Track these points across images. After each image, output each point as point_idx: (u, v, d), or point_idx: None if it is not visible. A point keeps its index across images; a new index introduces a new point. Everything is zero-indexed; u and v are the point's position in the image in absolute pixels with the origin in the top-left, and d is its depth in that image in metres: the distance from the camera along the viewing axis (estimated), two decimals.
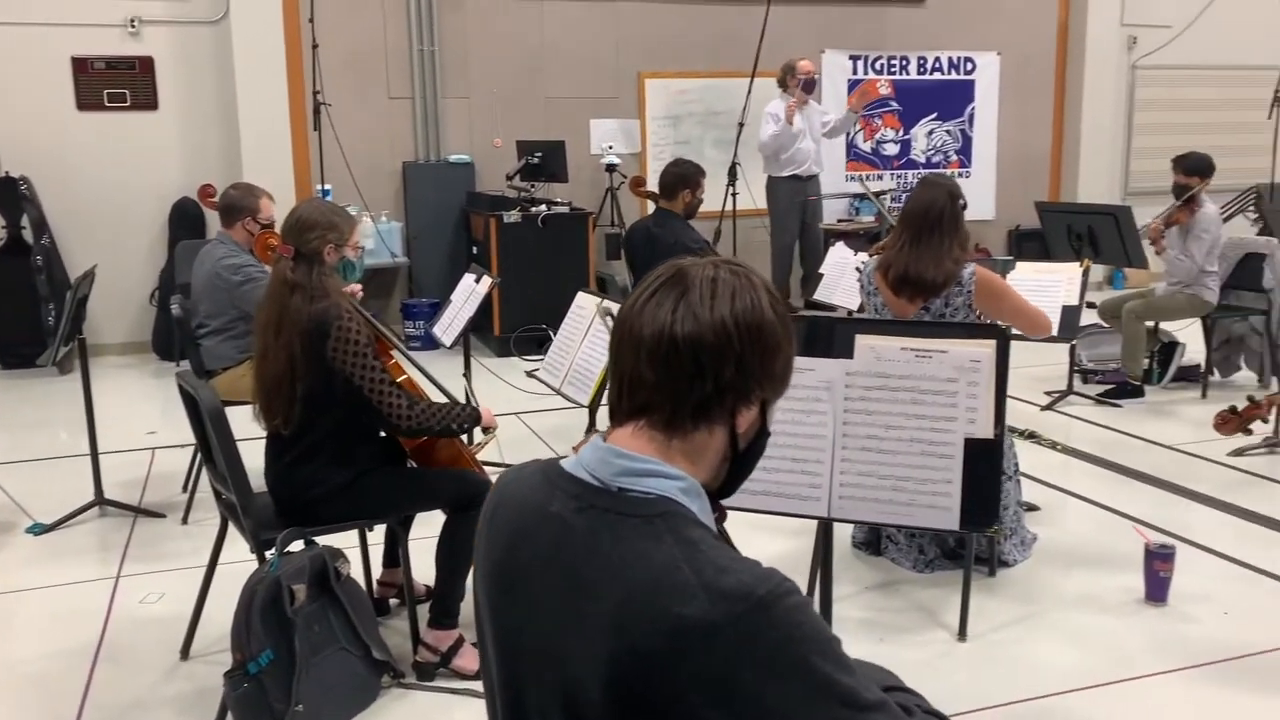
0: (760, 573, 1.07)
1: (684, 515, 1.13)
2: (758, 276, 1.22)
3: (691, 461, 1.19)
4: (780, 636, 1.04)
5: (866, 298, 3.67)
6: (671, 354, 1.15)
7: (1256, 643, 3.11)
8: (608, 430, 1.23)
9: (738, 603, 1.04)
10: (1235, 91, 9.29)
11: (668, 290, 1.18)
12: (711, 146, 8.54)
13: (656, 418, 1.18)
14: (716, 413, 1.18)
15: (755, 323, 1.17)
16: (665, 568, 1.07)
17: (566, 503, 1.17)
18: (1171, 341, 6.08)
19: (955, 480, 1.82)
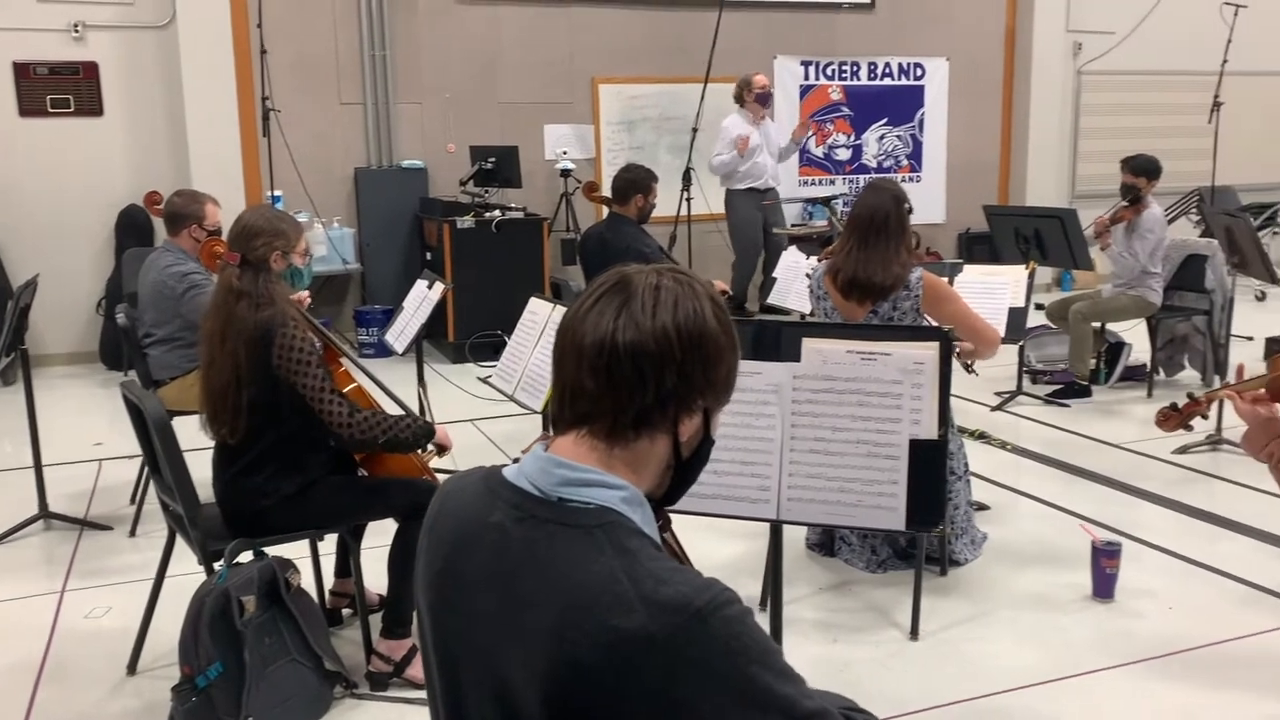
0: (699, 584, 1.07)
1: (625, 525, 1.13)
2: (701, 284, 1.21)
3: (634, 470, 1.18)
4: (719, 648, 1.04)
5: (816, 302, 3.71)
6: (613, 363, 1.14)
7: (1199, 636, 3.18)
8: (549, 439, 1.23)
9: (676, 614, 1.03)
10: (1177, 96, 9.48)
11: (610, 298, 1.17)
12: (666, 152, 8.57)
13: (598, 427, 1.17)
14: (659, 422, 1.17)
15: (698, 331, 1.17)
16: (604, 579, 1.07)
17: (507, 512, 1.17)
18: (1118, 342, 6.19)
19: (901, 481, 1.84)
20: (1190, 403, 2.43)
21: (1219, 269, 5.82)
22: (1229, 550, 3.83)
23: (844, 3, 8.95)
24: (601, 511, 1.13)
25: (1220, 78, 8.66)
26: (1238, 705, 2.81)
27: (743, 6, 8.40)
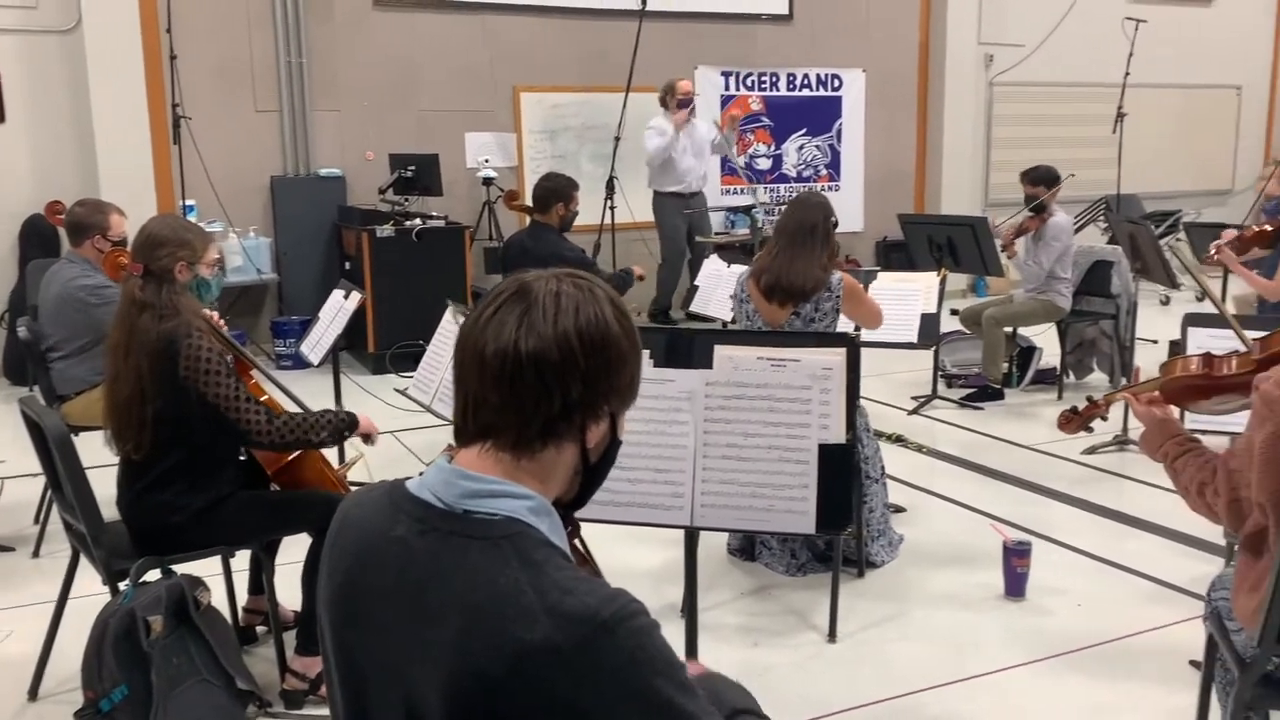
0: (606, 595, 1.07)
1: (531, 536, 1.12)
2: (601, 289, 1.21)
3: (541, 480, 1.18)
4: (624, 660, 1.04)
5: (739, 305, 3.77)
6: (516, 374, 1.13)
7: (1107, 631, 3.27)
8: (453, 451, 1.21)
9: (581, 625, 1.04)
10: (1083, 107, 9.78)
11: (510, 306, 1.16)
12: (589, 160, 8.57)
13: (503, 439, 1.16)
14: (565, 431, 1.17)
15: (600, 336, 1.16)
16: (509, 591, 1.06)
17: (410, 526, 1.15)
18: (1029, 346, 6.36)
19: (811, 485, 1.87)
20: (1090, 405, 2.51)
21: (1124, 274, 6.01)
22: (1135, 548, 3.96)
23: (762, 14, 9.06)
24: (507, 522, 1.12)
25: (1123, 89, 8.96)
26: (1144, 697, 2.90)
27: (663, 16, 8.44)
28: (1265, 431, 1.96)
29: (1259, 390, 2.00)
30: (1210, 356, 2.27)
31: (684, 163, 7.96)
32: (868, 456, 3.78)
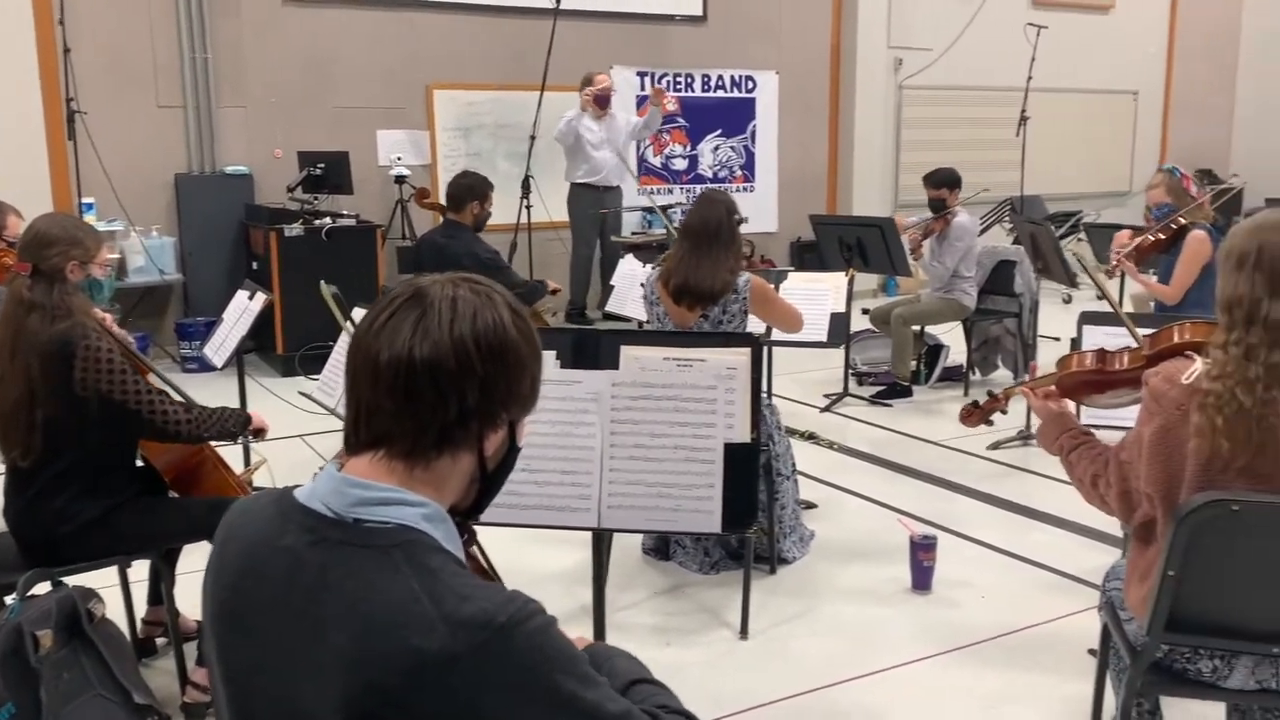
0: (501, 598, 1.06)
1: (424, 543, 1.10)
2: (500, 294, 1.19)
3: (435, 489, 1.15)
4: (524, 661, 1.04)
5: (649, 307, 3.78)
6: (411, 381, 1.10)
7: (1010, 622, 3.36)
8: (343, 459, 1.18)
9: (479, 631, 1.03)
10: (989, 111, 10.04)
11: (405, 311, 1.13)
12: (504, 159, 8.51)
13: (397, 448, 1.13)
14: (461, 439, 1.14)
15: (499, 342, 1.14)
16: (403, 600, 1.04)
17: (299, 536, 1.12)
18: (936, 344, 6.50)
19: (716, 484, 1.88)
20: (990, 399, 2.58)
21: (1027, 274, 6.18)
22: (1038, 540, 4.07)
23: (677, 15, 9.10)
24: (400, 530, 1.10)
25: (1026, 94, 9.22)
26: (1044, 686, 2.98)
27: (578, 15, 8.43)
28: (1154, 425, 2.03)
29: (1148, 385, 2.06)
30: (1103, 352, 2.35)
31: (599, 154, 7.98)
32: (779, 454, 3.82)
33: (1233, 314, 1.99)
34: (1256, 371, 1.92)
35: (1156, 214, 5.30)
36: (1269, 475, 1.93)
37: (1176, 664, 2.07)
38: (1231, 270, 2.02)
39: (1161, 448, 2.01)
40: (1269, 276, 1.96)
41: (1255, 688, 2.03)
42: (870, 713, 2.86)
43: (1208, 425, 1.94)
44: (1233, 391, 1.93)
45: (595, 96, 7.89)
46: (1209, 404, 1.94)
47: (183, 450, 2.84)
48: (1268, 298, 1.95)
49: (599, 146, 7.96)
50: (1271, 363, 1.92)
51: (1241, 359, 1.94)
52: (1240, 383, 1.93)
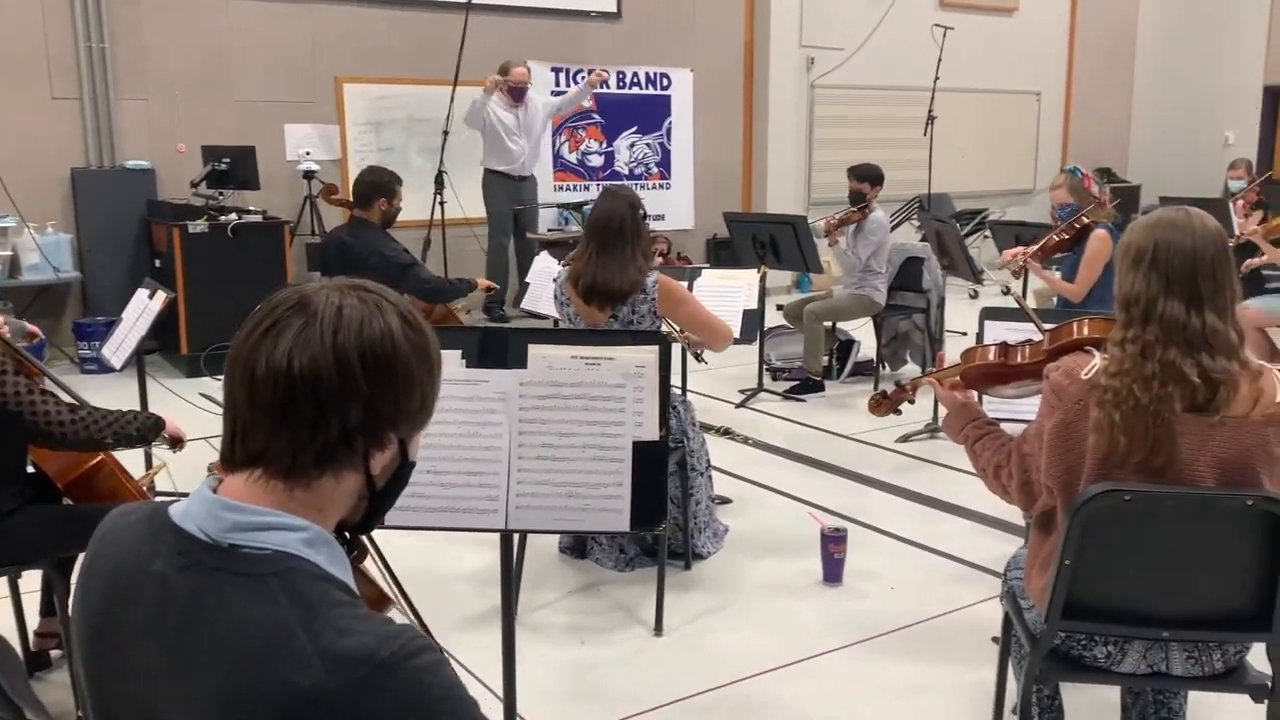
0: (385, 633, 1.00)
1: (305, 571, 1.04)
2: (391, 302, 1.12)
3: (318, 509, 1.09)
4: (406, 700, 0.97)
5: (560, 307, 3.75)
6: (288, 396, 1.03)
7: (918, 612, 3.43)
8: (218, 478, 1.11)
9: (357, 667, 0.96)
10: (898, 110, 10.24)
11: (286, 321, 1.06)
12: (417, 154, 8.40)
13: (275, 468, 1.06)
14: (345, 458, 1.08)
15: (387, 356, 1.07)
16: (278, 633, 0.98)
17: (170, 560, 1.05)
18: (848, 340, 6.61)
19: (625, 483, 1.87)
20: (898, 389, 2.62)
21: (934, 270, 6.32)
22: (945, 530, 4.16)
23: (591, 11, 9.08)
24: (278, 558, 1.03)
25: (933, 93, 9.41)
26: (951, 674, 3.05)
27: (492, 10, 8.36)
28: (1054, 419, 2.08)
29: (1049, 380, 2.12)
30: (1006, 345, 2.41)
31: (514, 144, 7.95)
32: (694, 450, 3.84)
33: (1130, 311, 2.04)
34: (1153, 368, 1.97)
35: (1060, 213, 5.46)
36: (1163, 469, 1.99)
37: (1073, 651, 2.13)
38: (1129, 269, 2.07)
39: (1061, 441, 2.06)
40: (1165, 275, 2.00)
41: (1147, 671, 2.10)
42: (783, 705, 2.89)
43: (1106, 421, 1.98)
44: (1130, 388, 1.97)
45: (510, 88, 7.85)
46: (1107, 400, 1.99)
47: (74, 456, 2.74)
48: (1164, 296, 2.00)
49: (515, 135, 7.94)
50: (1167, 360, 1.97)
51: (1138, 356, 1.99)
52: (1137, 379, 1.97)
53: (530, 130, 8.04)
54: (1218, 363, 1.98)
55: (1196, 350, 1.98)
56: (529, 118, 8.05)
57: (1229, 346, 2.00)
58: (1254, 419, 1.98)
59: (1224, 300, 2.01)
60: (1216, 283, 2.01)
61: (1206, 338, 1.98)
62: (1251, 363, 2.02)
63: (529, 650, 3.14)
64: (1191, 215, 2.06)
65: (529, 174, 8.15)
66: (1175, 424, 1.97)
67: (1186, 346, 1.98)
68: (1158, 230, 2.04)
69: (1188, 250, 2.00)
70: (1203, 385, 1.96)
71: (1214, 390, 1.96)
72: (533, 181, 8.22)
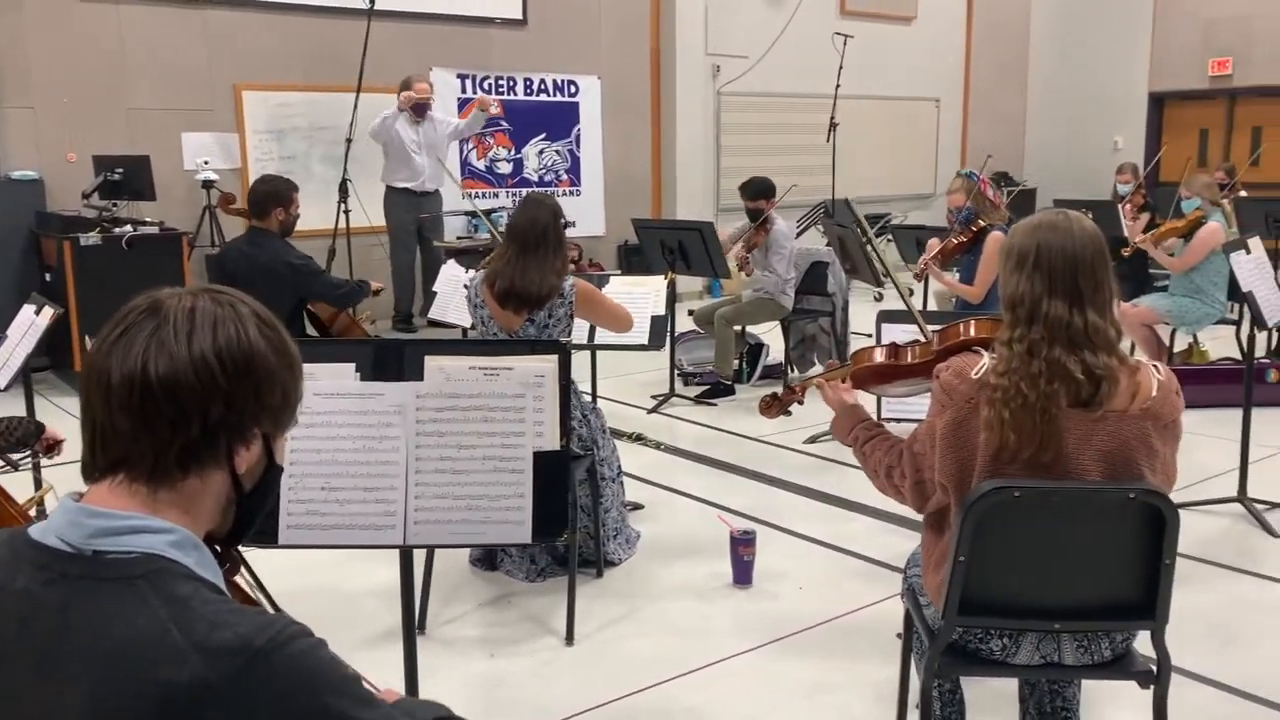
0: (260, 621, 1.01)
1: (174, 571, 1.04)
2: (246, 305, 1.14)
3: (184, 512, 1.09)
4: (288, 685, 0.99)
5: (474, 311, 3.73)
6: (146, 400, 1.05)
7: (826, 611, 3.47)
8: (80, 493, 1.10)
9: (234, 657, 0.97)
10: (802, 117, 10.41)
11: (139, 326, 1.08)
12: (320, 162, 8.26)
13: (137, 471, 1.07)
14: (208, 457, 1.09)
15: (244, 355, 1.09)
16: (150, 633, 0.98)
17: (33, 575, 1.04)
18: (757, 343, 6.69)
19: (526, 494, 1.86)
20: (787, 391, 2.66)
21: (838, 274, 6.44)
22: (852, 529, 4.23)
23: (496, 18, 9.04)
24: (146, 560, 1.04)
25: (835, 100, 9.59)
26: (858, 671, 3.09)
27: (395, 16, 8.26)
28: (945, 419, 2.13)
29: (939, 380, 2.16)
30: (895, 346, 2.46)
31: (417, 159, 7.88)
32: (604, 458, 3.84)
33: (1016, 312, 2.11)
34: (1039, 366, 2.03)
35: (958, 217, 5.62)
36: (1051, 464, 2.05)
37: (970, 645, 2.19)
38: (1013, 270, 2.13)
39: (954, 440, 2.11)
40: (1047, 275, 2.07)
41: (1040, 662, 2.17)
42: (694, 710, 2.91)
43: (996, 418, 2.04)
44: (1018, 386, 2.03)
45: (414, 104, 7.79)
46: (997, 398, 2.04)
47: None
48: (1047, 296, 2.06)
49: (418, 151, 7.87)
50: (1052, 357, 2.03)
51: (1025, 355, 2.05)
52: (1025, 377, 2.03)
53: (433, 147, 7.98)
54: (1099, 359, 2.05)
55: (1079, 348, 2.05)
56: (432, 135, 7.99)
57: (1109, 343, 2.07)
58: (1133, 412, 2.05)
59: (1103, 299, 2.09)
60: (1096, 281, 2.08)
61: (1089, 335, 2.05)
62: (1129, 358, 2.10)
63: (439, 664, 3.10)
64: (1070, 218, 2.13)
65: (432, 190, 8.08)
66: (1061, 419, 2.04)
67: (1070, 344, 2.05)
68: (1039, 233, 2.10)
69: (1068, 251, 2.07)
70: (1086, 381, 2.03)
71: (1096, 386, 2.03)
72: (437, 197, 8.16)
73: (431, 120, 8.01)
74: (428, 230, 8.06)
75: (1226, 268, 4.82)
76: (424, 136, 7.92)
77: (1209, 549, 3.94)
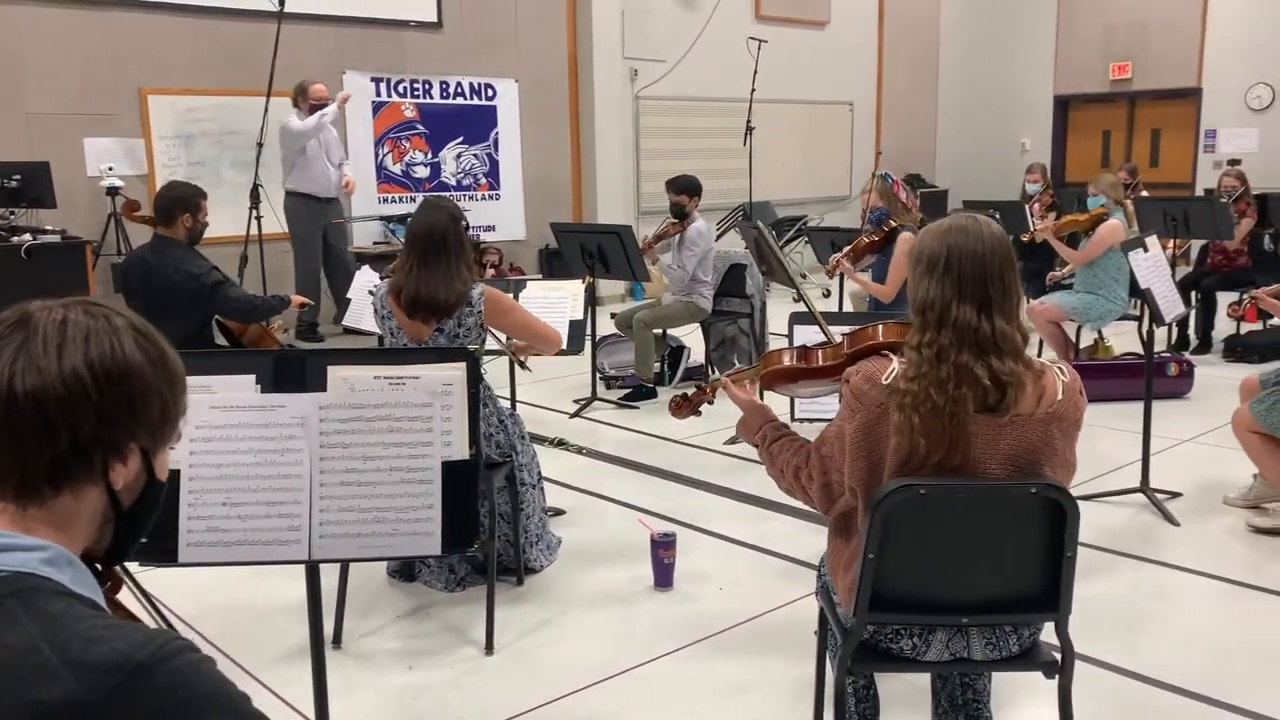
0: (140, 637, 0.98)
1: (46, 589, 1.01)
2: (122, 317, 1.12)
3: (58, 529, 1.06)
4: (169, 702, 0.96)
5: (381, 322, 3.66)
6: (13, 414, 1.02)
7: (746, 611, 3.49)
8: None
9: (111, 674, 0.94)
10: (719, 120, 10.49)
11: (7, 340, 1.05)
12: (230, 167, 8.08)
13: (4, 487, 1.04)
14: (82, 473, 1.06)
15: (118, 368, 1.06)
16: (20, 652, 0.95)
17: None
18: (678, 346, 6.71)
19: (435, 505, 1.84)
20: (698, 392, 2.68)
21: (756, 276, 6.49)
22: (772, 528, 4.26)
23: (411, 21, 8.94)
24: (15, 578, 1.00)
25: (751, 104, 9.69)
26: (777, 670, 3.12)
27: (306, 19, 8.12)
28: (855, 422, 2.14)
29: (849, 384, 2.17)
30: (805, 349, 2.48)
31: (318, 165, 7.77)
32: (524, 464, 3.81)
33: (925, 316, 2.11)
34: (948, 371, 2.04)
35: (871, 217, 5.71)
36: (959, 469, 2.07)
37: (882, 643, 2.21)
38: (923, 274, 2.13)
39: (864, 444, 2.13)
40: (957, 280, 2.07)
41: (950, 658, 2.20)
42: (613, 715, 2.90)
43: (906, 424, 2.05)
44: (927, 391, 2.04)
45: (311, 107, 7.68)
46: (907, 403, 2.05)
47: None
48: (956, 301, 2.07)
49: (318, 157, 7.77)
50: (960, 363, 2.04)
51: (934, 360, 2.05)
52: (934, 383, 2.04)
53: (331, 152, 7.88)
54: (1006, 365, 2.06)
55: (987, 353, 2.06)
56: (330, 141, 7.89)
57: (1016, 349, 2.10)
58: (1039, 416, 2.08)
59: (1011, 305, 2.11)
60: (1004, 287, 2.09)
61: (996, 341, 2.06)
62: (1034, 363, 2.14)
63: (357, 679, 3.05)
64: (979, 222, 2.14)
65: (334, 196, 7.97)
66: (969, 424, 2.05)
67: (978, 350, 2.06)
68: (949, 237, 2.11)
69: (978, 257, 2.07)
70: (993, 387, 2.04)
71: (1003, 391, 2.05)
72: (338, 204, 8.05)
73: (330, 131, 7.92)
74: (334, 237, 7.94)
75: (1127, 265, 4.97)
76: (324, 142, 7.82)
77: (1115, 539, 4.06)
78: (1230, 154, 11.63)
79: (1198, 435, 5.37)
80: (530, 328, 3.73)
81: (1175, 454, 5.08)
